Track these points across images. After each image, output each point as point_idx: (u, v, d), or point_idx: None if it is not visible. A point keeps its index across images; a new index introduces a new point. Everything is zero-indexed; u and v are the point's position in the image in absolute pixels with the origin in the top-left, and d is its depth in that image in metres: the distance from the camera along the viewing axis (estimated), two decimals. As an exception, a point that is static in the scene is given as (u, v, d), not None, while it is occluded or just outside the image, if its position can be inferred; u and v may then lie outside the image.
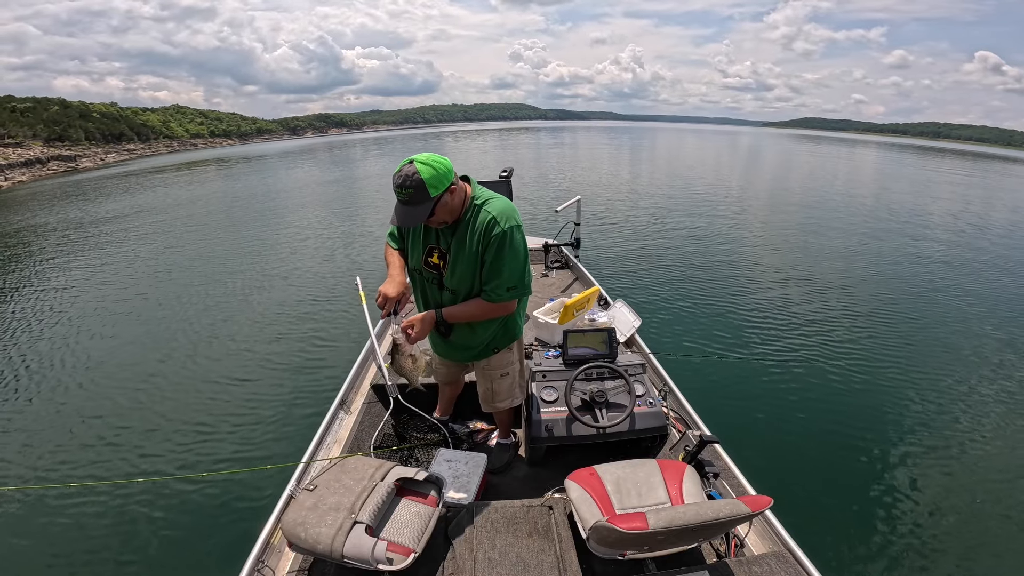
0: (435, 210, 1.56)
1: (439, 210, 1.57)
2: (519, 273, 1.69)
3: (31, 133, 39.39)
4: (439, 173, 1.52)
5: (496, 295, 1.69)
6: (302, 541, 1.45)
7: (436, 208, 1.56)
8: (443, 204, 1.56)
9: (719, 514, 1.30)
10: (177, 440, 3.65)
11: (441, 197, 1.54)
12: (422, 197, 1.51)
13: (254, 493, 3.04)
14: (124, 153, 50.37)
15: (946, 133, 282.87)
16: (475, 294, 1.73)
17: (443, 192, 1.54)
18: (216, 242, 10.06)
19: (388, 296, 1.72)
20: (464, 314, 1.76)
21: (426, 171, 1.50)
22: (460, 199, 1.63)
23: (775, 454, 3.43)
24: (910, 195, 18.27)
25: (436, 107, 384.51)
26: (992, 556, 2.69)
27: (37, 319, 6.16)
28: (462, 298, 1.75)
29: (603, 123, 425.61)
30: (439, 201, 1.55)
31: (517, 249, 1.65)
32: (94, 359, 5.02)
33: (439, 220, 1.62)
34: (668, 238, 9.67)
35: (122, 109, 65.77)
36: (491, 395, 2.04)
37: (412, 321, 1.70)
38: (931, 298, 6.70)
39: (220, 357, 4.98)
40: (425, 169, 1.50)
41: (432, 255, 1.75)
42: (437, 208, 1.56)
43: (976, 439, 3.63)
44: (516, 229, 1.64)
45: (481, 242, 1.63)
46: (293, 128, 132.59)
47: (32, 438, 3.73)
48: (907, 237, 10.48)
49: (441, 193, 1.53)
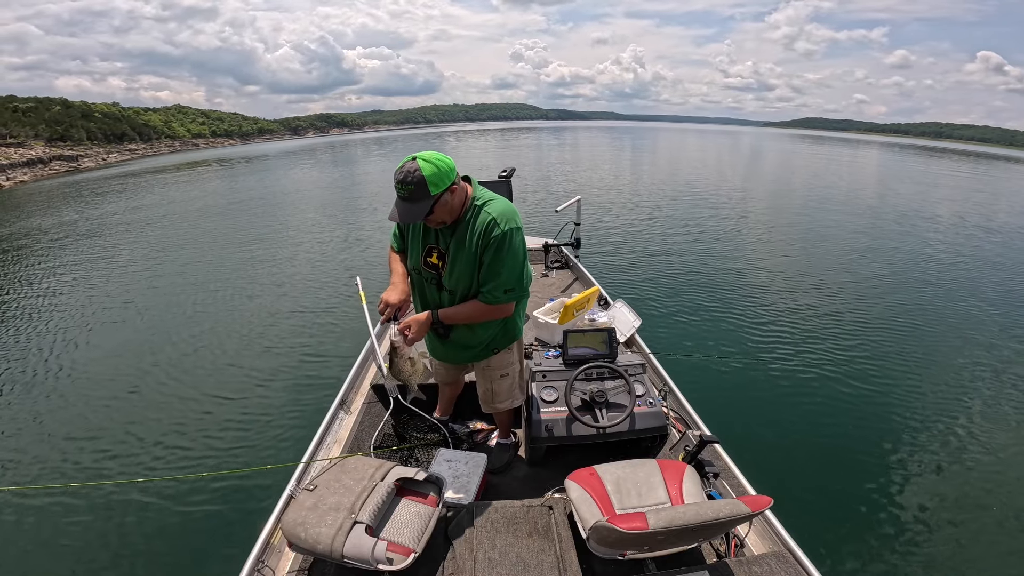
0: (434, 209, 1.55)
1: (438, 209, 1.57)
2: (517, 275, 1.68)
3: (33, 133, 39.36)
4: (441, 172, 1.51)
5: (493, 297, 1.69)
6: (302, 541, 1.45)
7: (435, 207, 1.55)
8: (443, 203, 1.56)
9: (719, 514, 1.30)
10: (177, 440, 3.65)
11: (441, 196, 1.54)
12: (422, 194, 1.51)
13: (254, 493, 3.04)
14: (126, 153, 50.39)
15: (948, 133, 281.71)
16: (473, 295, 1.73)
17: (444, 191, 1.54)
18: (216, 242, 10.06)
19: (389, 303, 1.74)
20: (461, 315, 1.75)
21: (428, 168, 1.50)
22: (460, 199, 1.62)
23: (775, 454, 3.43)
24: (910, 194, 18.28)
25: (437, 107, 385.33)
26: (992, 556, 2.69)
27: (38, 319, 6.16)
28: (460, 299, 1.74)
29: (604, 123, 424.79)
30: (439, 200, 1.54)
31: (516, 251, 1.65)
32: (94, 359, 5.03)
33: (438, 219, 1.61)
34: (668, 238, 9.68)
35: (124, 109, 65.80)
36: (491, 395, 2.04)
37: (409, 322, 1.69)
38: (932, 298, 6.69)
39: (220, 357, 4.98)
40: (427, 167, 1.50)
41: (431, 255, 1.75)
42: (436, 207, 1.56)
43: (978, 440, 3.63)
44: (516, 231, 1.64)
45: (480, 242, 1.62)
46: (295, 128, 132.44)
47: (32, 438, 3.73)
48: (907, 237, 10.49)
49: (442, 192, 1.53)
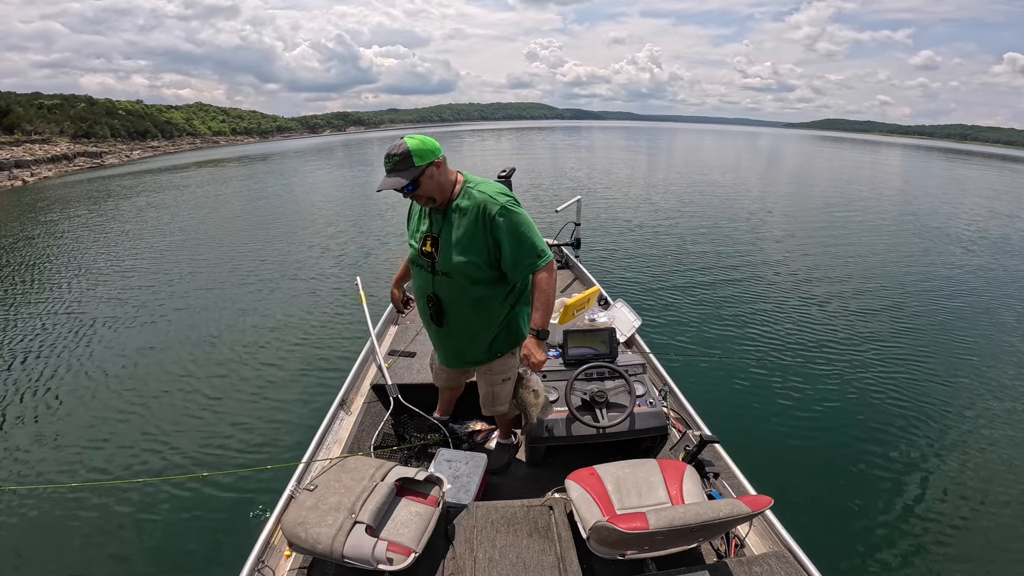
0: (420, 181, 1.60)
1: (425, 181, 1.61)
2: (538, 238, 1.71)
3: (58, 130, 39.41)
4: (426, 146, 1.60)
5: (536, 266, 1.68)
6: (302, 541, 1.45)
7: (422, 179, 1.60)
8: (429, 176, 1.61)
9: (719, 514, 1.30)
10: (177, 440, 3.65)
11: (426, 169, 1.60)
12: (407, 164, 1.58)
13: (254, 493, 3.03)
14: (148, 150, 50.30)
15: (974, 136, 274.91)
16: (468, 275, 1.71)
17: (428, 164, 1.59)
18: (217, 242, 10.05)
19: (392, 296, 2.13)
20: (544, 305, 1.72)
21: (413, 142, 1.59)
22: (449, 178, 1.68)
23: (775, 454, 3.42)
24: (919, 194, 18.28)
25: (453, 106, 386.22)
26: (993, 556, 2.69)
27: (38, 319, 6.15)
28: (454, 280, 1.73)
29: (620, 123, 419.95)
30: (424, 172, 1.59)
31: (524, 219, 1.68)
32: (93, 359, 5.02)
33: (426, 194, 1.65)
34: (668, 238, 9.67)
35: (147, 107, 65.79)
36: (491, 399, 2.04)
37: (526, 352, 1.75)
38: (933, 298, 6.69)
39: (220, 357, 4.98)
40: (412, 141, 1.59)
41: (426, 243, 1.77)
42: (423, 179, 1.60)
43: (979, 441, 3.62)
44: (513, 203, 1.68)
45: (480, 222, 1.65)
46: (312, 126, 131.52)
47: (33, 438, 3.73)
48: (907, 238, 10.48)
49: (426, 165, 1.59)
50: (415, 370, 2.75)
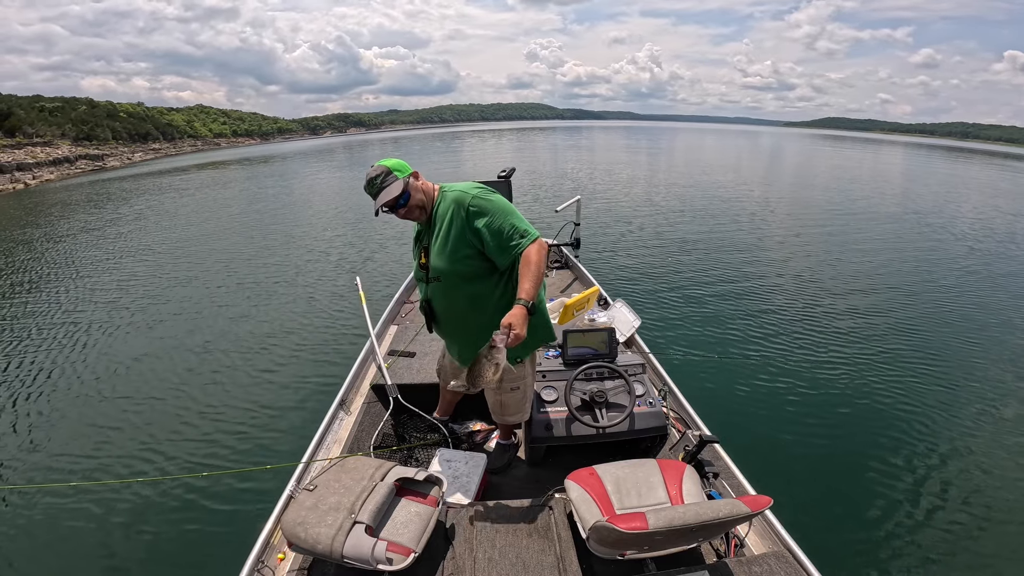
0: (408, 191, 1.70)
1: (413, 192, 1.72)
2: (518, 219, 1.69)
3: (59, 132, 39.31)
4: (400, 163, 1.74)
5: (521, 246, 1.64)
6: (302, 541, 1.46)
7: (409, 189, 1.70)
8: (414, 187, 1.73)
9: (719, 514, 1.30)
10: (177, 440, 3.65)
11: (408, 180, 1.72)
12: (391, 179, 1.69)
13: (254, 493, 3.04)
14: (150, 152, 50.34)
15: (975, 133, 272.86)
16: (458, 273, 1.72)
17: (408, 175, 1.73)
18: (218, 242, 10.07)
19: None
20: (531, 278, 1.60)
21: (388, 162, 1.73)
22: (428, 188, 1.79)
23: (775, 454, 3.42)
24: (921, 192, 18.25)
25: (453, 107, 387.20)
26: (994, 556, 2.68)
27: (39, 319, 6.17)
28: (443, 283, 1.77)
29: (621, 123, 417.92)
30: (408, 183, 1.71)
31: (499, 203, 1.71)
32: (93, 360, 5.03)
33: (417, 203, 1.74)
34: (668, 238, 9.66)
35: (148, 109, 65.75)
36: (500, 407, 2.05)
37: (510, 319, 1.52)
38: (936, 297, 6.67)
39: (220, 357, 4.98)
40: (387, 161, 1.73)
41: (421, 257, 1.84)
42: (410, 189, 1.71)
43: (981, 441, 3.61)
44: (486, 192, 1.74)
45: (458, 218, 1.70)
46: (313, 128, 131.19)
47: (32, 438, 3.73)
48: (911, 236, 10.46)
49: (407, 176, 1.72)
50: (415, 370, 2.75)
